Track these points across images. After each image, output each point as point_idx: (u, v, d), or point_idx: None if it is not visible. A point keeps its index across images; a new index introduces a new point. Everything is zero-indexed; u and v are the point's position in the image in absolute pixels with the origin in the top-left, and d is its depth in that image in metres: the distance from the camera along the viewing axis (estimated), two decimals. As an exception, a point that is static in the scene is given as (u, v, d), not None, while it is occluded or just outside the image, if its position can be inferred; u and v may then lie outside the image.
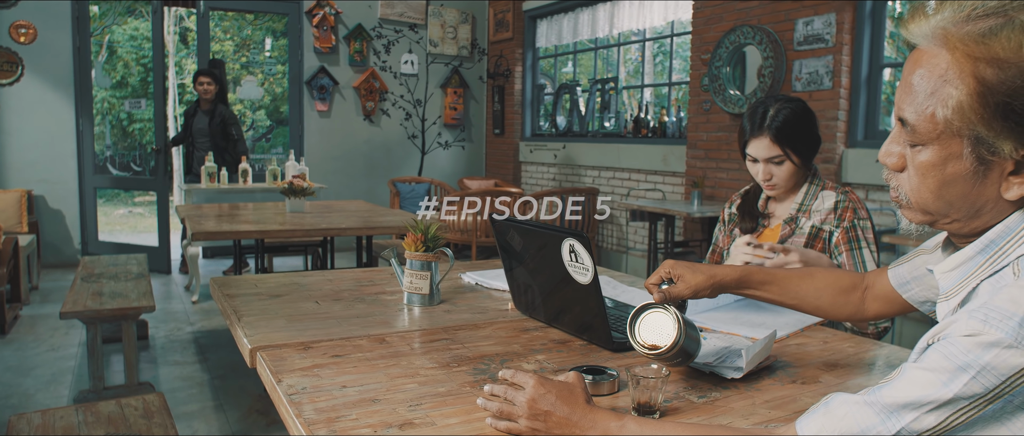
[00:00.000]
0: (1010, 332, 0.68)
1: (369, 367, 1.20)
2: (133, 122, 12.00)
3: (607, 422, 0.89)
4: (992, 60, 0.71)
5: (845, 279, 1.24)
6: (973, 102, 0.73)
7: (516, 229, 1.47)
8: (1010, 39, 0.70)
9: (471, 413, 1.01)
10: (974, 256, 0.81)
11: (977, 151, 0.75)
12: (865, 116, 4.23)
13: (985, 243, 0.80)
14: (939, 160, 0.78)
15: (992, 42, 0.71)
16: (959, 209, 0.80)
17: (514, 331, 1.45)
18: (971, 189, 0.78)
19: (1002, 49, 0.71)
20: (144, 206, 11.62)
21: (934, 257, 1.00)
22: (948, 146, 0.77)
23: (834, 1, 4.18)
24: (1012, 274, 0.74)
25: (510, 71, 7.52)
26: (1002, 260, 0.77)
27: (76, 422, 1.66)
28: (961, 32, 0.74)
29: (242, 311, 1.53)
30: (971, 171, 0.77)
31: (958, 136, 0.76)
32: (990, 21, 0.72)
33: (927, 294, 1.09)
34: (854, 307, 1.23)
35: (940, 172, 0.78)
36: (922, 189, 0.81)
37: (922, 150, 0.79)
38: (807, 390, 1.15)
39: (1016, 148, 0.73)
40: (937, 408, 0.71)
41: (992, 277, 0.78)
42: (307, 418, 0.98)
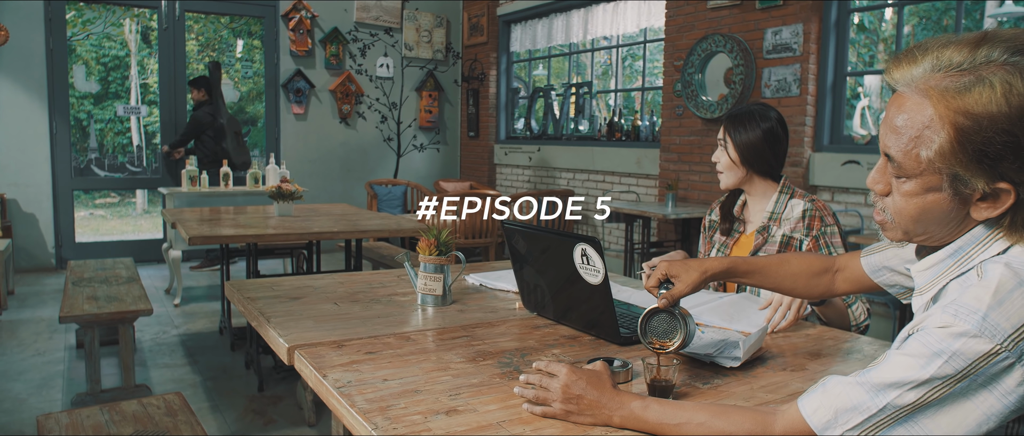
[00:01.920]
0: (975, 324, 0.82)
1: (403, 362, 1.31)
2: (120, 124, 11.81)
3: (632, 403, 1.02)
4: (968, 113, 0.83)
5: (817, 264, 1.40)
6: (953, 147, 0.85)
7: (528, 233, 1.59)
8: (982, 95, 0.83)
9: (507, 399, 1.13)
10: (944, 259, 0.95)
11: (954, 186, 0.89)
12: (831, 121, 4.45)
13: (953, 249, 0.94)
14: (921, 191, 0.91)
15: (967, 97, 0.84)
16: (934, 230, 0.94)
17: (526, 328, 1.57)
18: (946, 214, 0.92)
19: (975, 103, 0.83)
20: (105, 208, 11.46)
21: (907, 251, 1.17)
22: (929, 180, 0.90)
23: (801, 12, 4.39)
24: (976, 276, 0.89)
25: (485, 75, 7.64)
26: (967, 264, 0.92)
27: (103, 421, 1.73)
28: (940, 86, 0.86)
29: (268, 313, 1.63)
30: (948, 201, 0.90)
31: (938, 173, 0.88)
32: (964, 78, 0.84)
33: (896, 279, 1.25)
34: (825, 287, 1.40)
35: (921, 200, 0.92)
36: (904, 214, 0.94)
37: (906, 182, 0.92)
38: (796, 376, 1.29)
39: (988, 183, 0.86)
40: (916, 386, 0.85)
41: (959, 278, 0.92)
42: (361, 407, 1.09)
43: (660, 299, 1.28)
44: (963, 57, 0.85)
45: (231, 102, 7.73)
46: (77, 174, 6.56)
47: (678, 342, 1.20)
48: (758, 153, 1.94)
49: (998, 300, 0.83)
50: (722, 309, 1.69)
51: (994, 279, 0.84)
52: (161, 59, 6.59)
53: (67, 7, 6.23)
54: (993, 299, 0.83)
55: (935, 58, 0.87)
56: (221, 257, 3.93)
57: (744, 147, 1.94)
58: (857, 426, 0.88)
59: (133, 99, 11.22)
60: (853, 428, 0.88)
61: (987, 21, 8.80)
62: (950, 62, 0.86)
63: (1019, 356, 0.82)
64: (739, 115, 1.97)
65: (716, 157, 2.02)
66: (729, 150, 1.97)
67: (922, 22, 10.13)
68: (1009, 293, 0.83)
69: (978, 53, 0.84)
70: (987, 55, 0.84)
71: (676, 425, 0.98)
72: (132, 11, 7.74)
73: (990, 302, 0.83)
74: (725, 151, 1.99)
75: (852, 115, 6.23)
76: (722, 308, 1.69)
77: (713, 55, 4.94)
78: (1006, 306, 0.82)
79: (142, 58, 12.17)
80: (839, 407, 0.90)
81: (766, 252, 1.92)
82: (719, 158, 2.01)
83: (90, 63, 12.33)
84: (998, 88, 0.82)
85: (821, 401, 0.92)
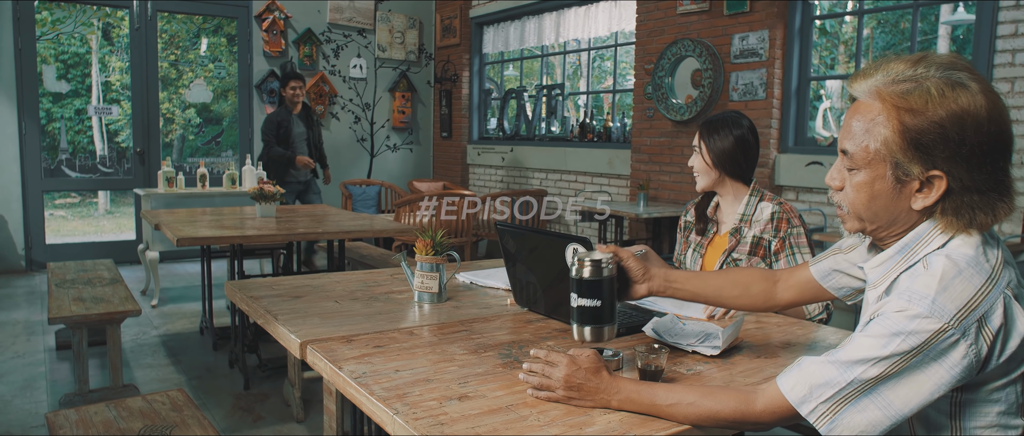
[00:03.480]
0: (926, 307, 0.98)
1: (410, 355, 1.41)
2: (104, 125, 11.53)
3: (628, 387, 1.14)
4: (908, 109, 1.02)
5: (753, 274, 1.49)
6: (895, 137, 1.03)
7: (520, 234, 1.70)
8: (920, 96, 1.02)
9: (511, 386, 1.24)
10: (893, 255, 1.11)
11: (895, 173, 1.05)
12: (795, 124, 4.63)
13: (901, 246, 1.10)
14: (869, 180, 1.08)
15: (908, 97, 1.03)
16: (882, 217, 1.10)
17: (520, 322, 1.68)
18: (891, 202, 1.08)
19: (914, 102, 1.02)
20: (66, 209, 11.27)
21: (855, 255, 1.33)
22: (876, 169, 1.07)
23: (767, 19, 4.56)
24: (922, 268, 1.04)
25: (457, 76, 7.72)
26: (913, 258, 1.08)
27: (111, 417, 1.79)
28: (888, 90, 1.05)
29: (275, 311, 1.71)
30: (891, 188, 1.07)
31: (883, 162, 1.06)
32: (908, 84, 1.03)
33: (845, 281, 1.39)
34: (764, 300, 1.48)
35: (870, 188, 1.08)
36: (857, 202, 1.11)
37: (857, 173, 1.09)
38: (770, 363, 1.42)
39: (922, 171, 1.03)
40: (879, 362, 0.99)
41: (908, 270, 1.07)
42: (379, 395, 1.19)
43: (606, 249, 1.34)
44: (907, 70, 1.04)
45: (202, 102, 7.70)
46: (47, 175, 6.49)
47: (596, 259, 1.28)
48: (730, 158, 2.08)
49: (943, 286, 0.98)
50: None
51: (938, 269, 1.00)
52: (133, 59, 6.55)
53: (37, 6, 6.17)
54: (939, 285, 0.98)
55: (886, 71, 1.06)
56: (202, 257, 3.98)
57: (717, 152, 2.09)
58: (828, 399, 1.02)
59: (94, 97, 11.06)
60: (825, 401, 1.02)
61: (941, 27, 9.13)
62: (897, 74, 1.05)
63: (963, 332, 0.97)
64: (714, 122, 2.12)
65: (692, 161, 2.17)
66: (703, 154, 2.12)
67: (881, 25, 10.46)
68: (952, 280, 0.99)
69: (919, 68, 1.04)
70: (925, 69, 1.03)
71: (668, 405, 1.10)
72: (103, 10, 7.66)
73: (937, 288, 0.98)
74: (700, 155, 2.13)
75: (814, 116, 6.45)
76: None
77: (682, 59, 5.10)
78: (950, 291, 0.98)
79: (103, 55, 11.99)
80: (813, 383, 1.04)
81: (739, 252, 2.06)
82: (694, 162, 2.16)
83: (48, 59, 12.09)
84: (933, 92, 1.01)
85: (797, 379, 1.05)
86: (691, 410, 1.09)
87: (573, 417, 1.13)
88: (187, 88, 7.39)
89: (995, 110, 1.01)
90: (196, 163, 8.03)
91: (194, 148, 9.94)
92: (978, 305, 0.98)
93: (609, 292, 1.28)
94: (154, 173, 6.57)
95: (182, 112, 11.85)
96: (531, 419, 1.11)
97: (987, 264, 1.02)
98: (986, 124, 1.00)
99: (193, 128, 11.36)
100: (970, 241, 1.04)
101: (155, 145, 6.65)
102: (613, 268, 1.29)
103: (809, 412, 1.04)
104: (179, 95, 8.43)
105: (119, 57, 9.35)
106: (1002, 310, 0.99)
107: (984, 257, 1.03)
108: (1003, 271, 1.03)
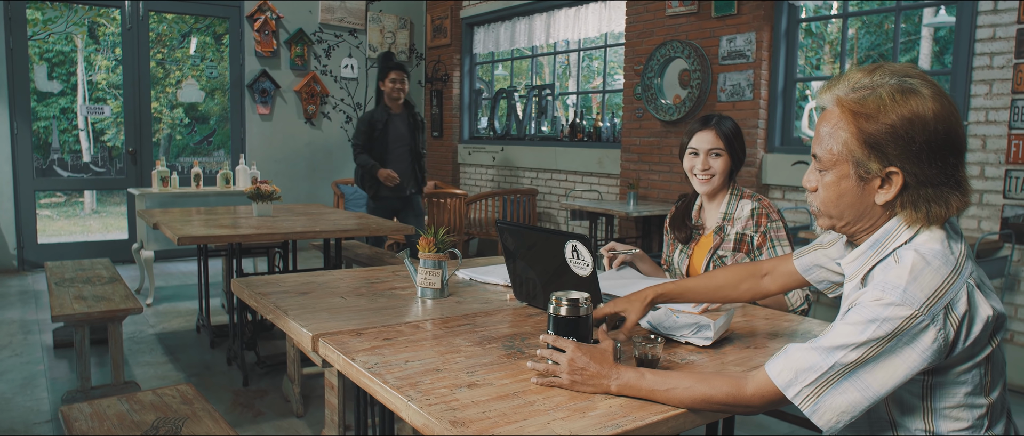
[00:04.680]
0: (899, 296, 1.08)
1: (418, 347, 1.48)
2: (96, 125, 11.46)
3: (628, 373, 1.22)
4: (864, 114, 1.14)
5: (740, 272, 1.63)
6: (853, 139, 1.16)
7: (519, 231, 1.78)
8: (874, 101, 1.14)
9: (517, 375, 1.31)
10: (866, 251, 1.22)
11: (858, 171, 1.17)
12: (782, 124, 4.74)
13: (872, 241, 1.21)
14: (836, 179, 1.20)
15: (864, 102, 1.15)
16: (850, 214, 1.21)
17: (521, 316, 1.76)
18: (857, 199, 1.19)
19: (869, 106, 1.14)
20: (51, 208, 11.23)
21: (834, 250, 1.44)
22: (841, 169, 1.19)
23: (754, 21, 4.66)
24: (894, 261, 1.14)
25: (448, 76, 7.78)
26: (883, 252, 1.19)
27: (125, 410, 1.85)
28: (848, 97, 1.17)
29: (284, 306, 1.78)
30: (855, 185, 1.18)
31: (846, 162, 1.18)
32: (864, 92, 1.16)
33: (825, 275, 1.50)
34: (752, 291, 1.62)
35: (837, 187, 1.20)
36: (827, 200, 1.23)
37: (826, 173, 1.21)
38: (759, 352, 1.50)
39: (881, 168, 1.15)
40: (857, 347, 1.09)
41: (880, 263, 1.19)
42: (393, 384, 1.26)
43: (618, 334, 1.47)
44: (864, 78, 1.17)
45: (194, 102, 7.72)
46: (39, 175, 6.50)
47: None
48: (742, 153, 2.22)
49: (913, 277, 1.08)
50: None
51: (909, 262, 1.10)
52: (124, 58, 6.57)
53: (29, 6, 6.17)
54: (910, 276, 1.08)
55: (846, 81, 1.19)
56: (198, 256, 4.03)
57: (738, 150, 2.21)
58: (812, 383, 1.11)
59: (80, 96, 11.03)
60: (809, 385, 1.11)
61: (924, 29, 9.28)
62: (855, 82, 1.18)
63: (932, 318, 1.07)
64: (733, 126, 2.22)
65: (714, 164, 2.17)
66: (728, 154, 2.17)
67: (866, 26, 10.62)
68: (921, 271, 1.09)
69: (874, 76, 1.16)
70: (880, 78, 1.16)
71: (665, 390, 1.18)
72: (95, 10, 7.66)
73: (908, 279, 1.08)
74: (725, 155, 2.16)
75: (800, 117, 6.57)
76: None
77: (671, 61, 5.19)
78: (919, 281, 1.08)
79: (89, 54, 11.95)
80: (798, 368, 1.13)
81: (723, 249, 2.15)
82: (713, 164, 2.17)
83: (33, 58, 12.01)
84: (885, 97, 1.13)
85: (784, 364, 1.14)
86: (686, 394, 1.17)
87: (577, 402, 1.20)
88: (179, 88, 7.40)
89: (943, 113, 1.12)
90: (184, 162, 8.07)
91: (181, 147, 9.95)
92: (945, 293, 1.08)
93: (585, 331, 1.34)
94: (146, 172, 6.59)
95: (170, 111, 11.83)
96: (537, 404, 1.19)
97: (952, 257, 1.12)
98: (933, 124, 1.11)
99: (181, 128, 11.35)
100: (935, 236, 1.15)
101: (147, 145, 6.67)
102: (589, 307, 1.36)
103: (795, 395, 1.13)
104: (166, 94, 8.43)
105: (105, 55, 9.32)
106: (966, 298, 1.10)
107: (949, 251, 1.13)
108: (966, 263, 1.13)
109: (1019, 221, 3.58)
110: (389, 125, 4.69)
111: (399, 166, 4.75)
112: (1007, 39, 3.59)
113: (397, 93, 4.64)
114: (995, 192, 3.66)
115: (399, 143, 4.73)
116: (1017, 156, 3.56)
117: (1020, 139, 3.54)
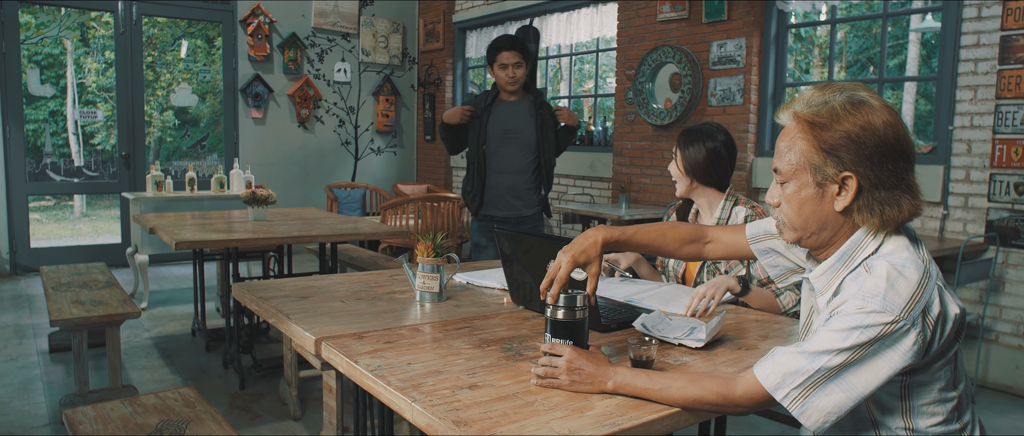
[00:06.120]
0: (879, 304, 1.13)
1: (419, 350, 1.52)
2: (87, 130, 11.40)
3: (624, 373, 1.27)
4: (819, 124, 1.23)
5: (688, 233, 1.69)
6: (809, 147, 1.24)
7: (516, 236, 1.82)
8: (827, 112, 1.22)
9: (517, 377, 1.36)
10: (834, 264, 1.29)
11: (815, 177, 1.24)
12: (771, 128, 4.80)
13: (840, 254, 1.28)
14: (796, 189, 1.27)
15: (817, 114, 1.23)
16: (812, 224, 1.27)
17: (518, 319, 1.80)
18: (817, 207, 1.26)
19: (824, 117, 1.22)
20: (39, 211, 11.19)
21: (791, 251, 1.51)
22: (800, 178, 1.26)
23: (744, 27, 4.73)
24: (864, 271, 1.20)
25: (440, 80, 7.82)
26: (852, 264, 1.25)
27: (128, 413, 1.88)
28: (803, 112, 1.26)
29: (286, 310, 1.81)
30: (814, 193, 1.25)
31: (804, 170, 1.25)
32: (818, 105, 1.24)
33: (779, 261, 1.56)
34: (695, 253, 1.68)
35: (797, 196, 1.27)
36: (789, 211, 1.30)
37: (787, 185, 1.29)
38: (750, 354, 1.55)
39: (837, 173, 1.22)
40: (841, 352, 1.14)
41: (850, 275, 1.24)
42: (396, 385, 1.30)
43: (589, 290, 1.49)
44: (817, 95, 1.25)
45: (186, 106, 7.73)
46: (31, 179, 6.49)
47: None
48: (702, 168, 2.24)
49: (890, 285, 1.14)
50: (660, 295, 2.01)
51: (883, 272, 1.16)
52: (117, 62, 6.57)
53: (21, 9, 6.17)
54: (886, 285, 1.14)
55: (800, 100, 1.27)
56: (194, 260, 4.05)
57: (690, 161, 2.25)
58: (799, 385, 1.16)
59: (70, 99, 11.00)
60: (796, 387, 1.16)
61: (911, 34, 9.39)
62: (809, 99, 1.26)
63: (912, 322, 1.13)
64: (690, 133, 2.27)
65: (670, 167, 2.32)
66: (677, 162, 2.27)
67: (854, 29, 10.72)
68: (895, 280, 1.15)
69: (826, 93, 1.25)
70: (832, 94, 1.24)
71: (659, 389, 1.23)
72: (88, 14, 7.66)
73: (885, 287, 1.14)
74: (675, 162, 2.29)
75: (790, 121, 6.63)
76: (660, 294, 2.03)
77: (662, 65, 5.25)
78: (896, 288, 1.14)
79: (78, 57, 11.92)
80: (785, 372, 1.17)
81: None
82: (672, 168, 2.32)
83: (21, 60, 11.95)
84: (837, 107, 1.22)
85: (771, 368, 1.19)
86: (679, 394, 1.22)
87: (575, 402, 1.25)
88: (172, 91, 7.41)
89: (892, 122, 1.20)
90: (176, 166, 8.07)
91: (172, 150, 9.94)
92: (921, 298, 1.14)
93: (582, 332, 1.39)
94: (139, 176, 6.60)
95: (160, 114, 11.82)
96: (537, 404, 1.23)
97: (921, 262, 1.18)
98: (883, 130, 1.19)
99: (172, 131, 11.34)
100: (900, 244, 1.22)
101: (140, 148, 6.68)
102: (586, 310, 1.40)
103: (783, 397, 1.18)
104: (156, 97, 8.43)
105: (95, 58, 9.30)
106: (939, 299, 1.16)
107: (917, 257, 1.19)
108: (931, 266, 1.20)
109: (1003, 224, 3.65)
110: (490, 111, 3.66)
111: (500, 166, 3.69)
112: (991, 46, 3.66)
113: (508, 79, 3.56)
114: (980, 196, 3.73)
115: (503, 139, 3.67)
116: (1001, 160, 3.63)
117: (1004, 144, 3.62)
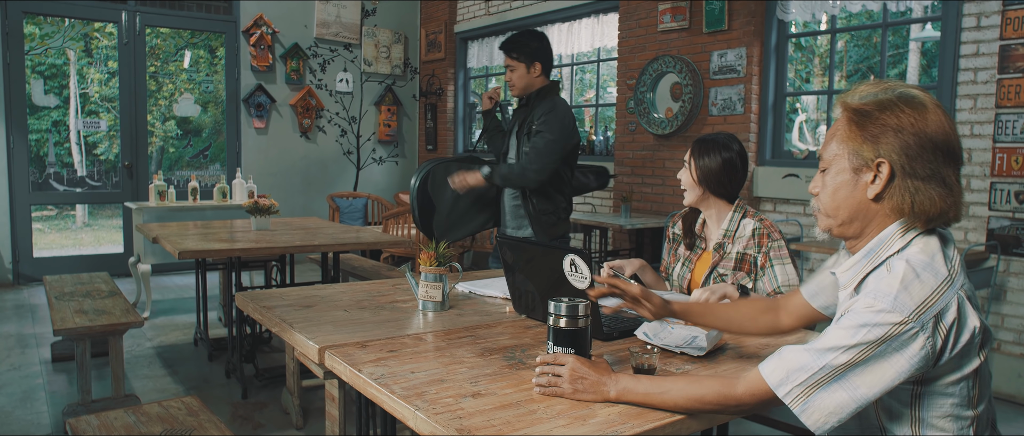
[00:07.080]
0: (889, 303, 1.13)
1: (422, 358, 1.53)
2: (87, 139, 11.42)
3: (626, 379, 1.28)
4: (863, 111, 1.24)
5: (759, 304, 1.67)
6: (851, 133, 1.25)
7: (518, 245, 1.83)
8: (874, 102, 1.23)
9: (519, 385, 1.36)
10: (860, 259, 1.27)
11: (852, 162, 1.24)
12: (772, 137, 4.81)
13: (867, 250, 1.26)
14: (834, 174, 1.28)
15: (865, 103, 1.24)
16: (845, 211, 1.27)
17: (521, 328, 1.81)
18: (850, 193, 1.25)
19: (871, 106, 1.23)
20: (42, 221, 11.22)
21: (831, 261, 1.47)
22: (839, 163, 1.27)
23: (744, 37, 4.75)
24: (886, 270, 1.19)
25: (442, 89, 7.85)
26: (877, 260, 1.24)
27: (131, 421, 1.89)
28: (853, 103, 1.26)
29: (290, 319, 1.82)
30: (849, 178, 1.25)
31: (843, 155, 1.26)
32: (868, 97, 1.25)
33: (830, 299, 1.52)
34: (770, 324, 1.65)
35: (834, 182, 1.28)
36: (825, 197, 1.30)
37: (827, 172, 1.29)
38: (752, 362, 1.56)
39: (873, 159, 1.22)
40: (848, 350, 1.14)
41: (874, 272, 1.23)
42: (400, 394, 1.30)
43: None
44: (871, 89, 1.27)
45: (189, 116, 7.76)
46: (35, 188, 6.52)
47: None
48: (715, 178, 2.20)
49: (904, 286, 1.13)
50: None
51: (899, 272, 1.15)
52: (121, 73, 6.61)
53: (25, 20, 6.21)
54: (900, 285, 1.13)
55: (854, 93, 1.28)
56: (197, 270, 4.06)
57: (704, 171, 2.21)
58: (802, 383, 1.17)
59: (73, 109, 11.04)
60: (800, 385, 1.17)
61: (912, 43, 9.41)
62: (863, 93, 1.27)
63: (921, 326, 1.12)
64: (705, 142, 2.23)
65: (681, 175, 2.28)
66: (691, 170, 2.24)
67: (854, 39, 10.75)
68: (910, 281, 1.14)
69: (879, 87, 1.26)
70: (886, 89, 1.25)
71: (660, 393, 1.24)
72: (92, 25, 7.70)
73: (898, 288, 1.13)
74: (688, 171, 2.25)
75: (791, 130, 6.66)
76: None
77: (663, 75, 5.27)
78: (909, 290, 1.13)
79: (81, 67, 11.98)
80: (789, 368, 1.18)
81: (723, 267, 2.18)
82: (683, 176, 2.27)
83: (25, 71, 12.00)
84: (886, 100, 1.22)
85: (776, 364, 1.20)
86: (680, 395, 1.23)
87: (577, 410, 1.25)
88: (175, 101, 7.44)
89: (942, 122, 1.20)
90: (178, 176, 8.10)
91: (174, 160, 9.98)
92: (934, 303, 1.13)
93: (583, 340, 1.40)
94: (142, 186, 6.62)
95: (162, 124, 11.86)
96: (540, 413, 1.24)
97: (944, 268, 1.17)
98: (931, 126, 1.19)
99: (174, 141, 11.38)
100: (929, 246, 1.20)
101: (143, 158, 6.70)
102: (587, 318, 1.40)
103: (785, 394, 1.18)
104: (159, 107, 8.47)
105: (98, 69, 9.34)
106: (956, 308, 1.14)
107: (942, 261, 1.18)
108: (959, 274, 1.18)
109: (1004, 232, 3.66)
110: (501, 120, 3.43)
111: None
112: (990, 55, 3.67)
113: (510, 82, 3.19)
114: (981, 204, 3.74)
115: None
116: (1002, 169, 3.64)
117: (1004, 152, 3.63)
